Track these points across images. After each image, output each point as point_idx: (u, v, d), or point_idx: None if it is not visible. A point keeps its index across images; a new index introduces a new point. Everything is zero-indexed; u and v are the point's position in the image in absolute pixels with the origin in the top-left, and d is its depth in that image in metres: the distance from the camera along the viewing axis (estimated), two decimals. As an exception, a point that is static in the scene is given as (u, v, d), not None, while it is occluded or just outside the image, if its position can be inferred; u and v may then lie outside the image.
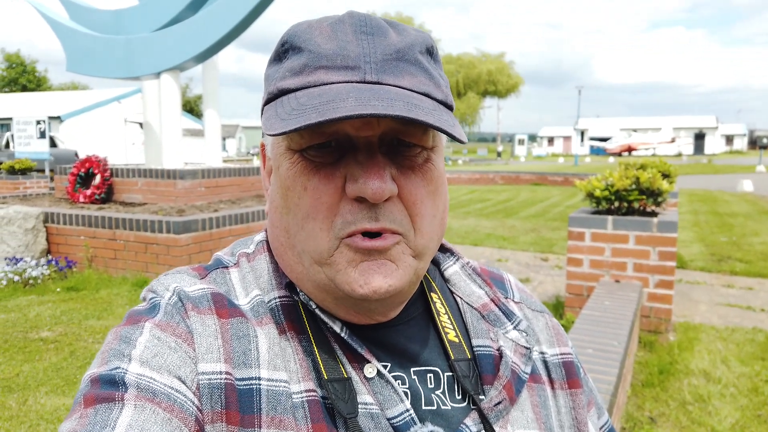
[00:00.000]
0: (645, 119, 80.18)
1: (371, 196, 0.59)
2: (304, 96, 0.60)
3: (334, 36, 0.62)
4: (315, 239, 0.63)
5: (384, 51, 0.61)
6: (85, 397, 0.58)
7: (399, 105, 0.56)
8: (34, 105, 32.54)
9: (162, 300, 0.67)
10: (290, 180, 0.64)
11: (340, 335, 0.67)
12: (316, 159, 0.63)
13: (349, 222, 0.61)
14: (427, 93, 0.63)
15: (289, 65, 0.64)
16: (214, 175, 8.02)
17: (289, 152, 0.65)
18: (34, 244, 6.82)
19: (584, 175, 21.10)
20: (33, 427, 3.28)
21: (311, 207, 0.63)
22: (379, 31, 0.63)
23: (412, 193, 0.64)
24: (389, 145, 0.63)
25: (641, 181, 4.73)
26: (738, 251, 8.45)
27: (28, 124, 12.53)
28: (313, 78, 0.61)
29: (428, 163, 0.65)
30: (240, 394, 0.61)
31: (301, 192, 0.63)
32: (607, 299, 4.13)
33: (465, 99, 51.56)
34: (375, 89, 0.59)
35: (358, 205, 0.61)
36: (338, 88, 0.59)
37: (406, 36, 0.64)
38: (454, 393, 0.70)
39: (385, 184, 0.60)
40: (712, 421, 3.41)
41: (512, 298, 0.84)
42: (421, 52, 0.64)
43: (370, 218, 0.61)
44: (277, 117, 0.60)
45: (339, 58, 0.61)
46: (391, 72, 0.61)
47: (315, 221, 0.63)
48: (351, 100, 0.56)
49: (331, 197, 0.62)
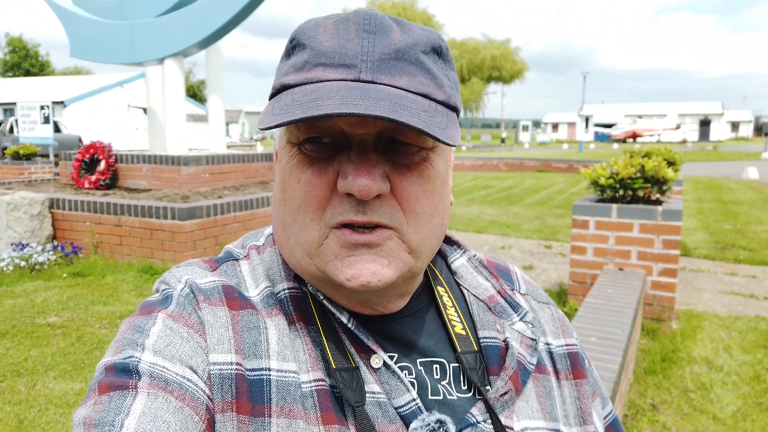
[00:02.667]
0: (650, 105, 79.65)
1: (358, 192, 0.61)
2: (299, 92, 0.61)
3: (336, 34, 0.63)
4: (305, 230, 0.65)
5: (383, 50, 0.62)
6: (99, 384, 0.59)
7: (384, 105, 0.57)
8: (37, 90, 32.51)
9: (174, 291, 0.68)
10: (287, 173, 0.67)
11: (347, 326, 0.68)
12: (311, 153, 0.64)
13: (337, 213, 0.63)
14: (426, 93, 0.63)
15: (293, 61, 0.65)
16: (218, 161, 8.02)
17: (289, 145, 0.67)
18: (40, 230, 6.86)
19: (588, 162, 21.05)
20: (42, 411, 3.32)
21: (302, 199, 0.65)
22: (381, 29, 0.63)
23: (406, 191, 0.64)
24: (386, 144, 0.64)
25: (646, 169, 4.72)
26: (742, 239, 8.45)
27: (32, 110, 12.54)
28: (311, 75, 0.62)
29: (426, 162, 0.66)
30: (250, 384, 0.63)
31: (295, 184, 0.65)
32: (611, 287, 4.15)
33: (469, 85, 51.32)
34: (366, 88, 0.59)
35: (347, 199, 0.63)
36: (330, 86, 0.60)
37: (410, 35, 0.64)
38: (460, 383, 0.71)
39: (374, 182, 0.61)
40: (713, 408, 3.44)
41: (518, 290, 0.85)
42: (424, 52, 0.64)
43: (357, 211, 0.62)
44: (271, 112, 0.62)
45: (337, 56, 0.62)
46: (387, 71, 0.62)
47: (306, 213, 0.65)
48: (337, 98, 0.57)
49: (323, 191, 0.64)
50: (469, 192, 14.47)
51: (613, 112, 75.01)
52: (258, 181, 8.65)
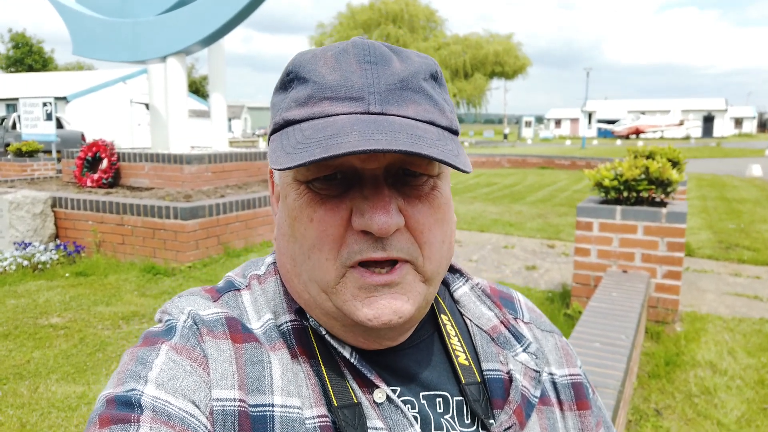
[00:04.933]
0: (653, 101, 79.49)
1: (377, 231, 0.60)
2: (309, 128, 0.61)
3: (338, 66, 0.63)
4: (321, 269, 0.64)
5: (387, 81, 0.62)
6: (100, 417, 0.58)
7: (402, 138, 0.57)
8: (40, 85, 32.51)
9: (178, 323, 0.68)
10: (297, 211, 0.65)
11: (349, 360, 0.68)
12: (322, 191, 0.64)
13: (355, 252, 0.62)
14: (432, 121, 0.63)
15: (295, 95, 0.64)
16: (220, 159, 8.01)
17: (296, 183, 0.66)
18: (42, 229, 6.86)
19: (591, 159, 21.03)
20: (44, 414, 3.32)
21: (317, 238, 0.64)
22: (382, 60, 0.63)
23: (419, 222, 0.64)
24: (395, 175, 0.64)
25: (651, 171, 4.70)
26: (746, 239, 8.42)
27: (35, 106, 12.52)
28: (317, 109, 0.62)
29: (435, 191, 0.66)
30: (253, 420, 0.62)
31: (307, 223, 0.64)
32: (615, 290, 4.13)
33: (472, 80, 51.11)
34: (379, 121, 0.59)
35: (364, 236, 0.62)
36: (342, 121, 0.59)
37: (409, 64, 0.64)
38: (464, 417, 0.71)
39: (391, 219, 0.61)
40: (717, 413, 3.42)
41: (522, 318, 0.84)
42: (425, 79, 0.65)
43: (376, 248, 0.62)
44: (283, 150, 0.60)
45: (343, 89, 0.61)
46: (395, 102, 0.62)
47: (321, 252, 0.64)
48: (354, 134, 0.57)
49: (337, 229, 0.63)
50: (472, 189, 14.45)
51: (617, 107, 74.88)
52: (260, 180, 8.65)
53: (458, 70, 50.07)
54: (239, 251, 6.69)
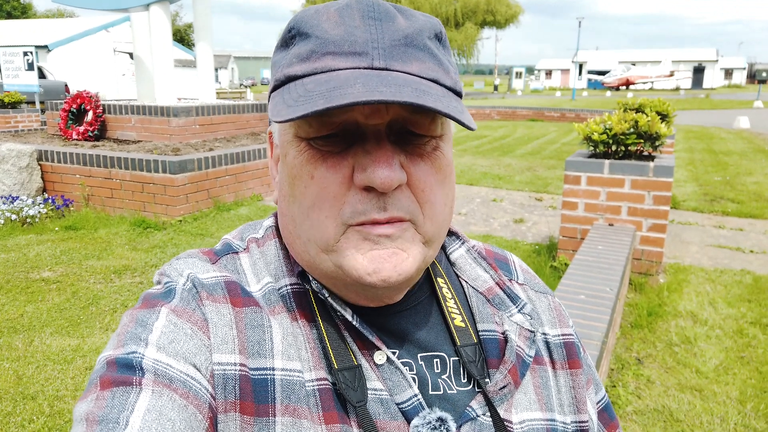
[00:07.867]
0: (644, 52, 78.71)
1: (380, 185, 0.59)
2: (311, 82, 0.59)
3: (342, 21, 0.61)
4: (320, 228, 0.63)
5: (392, 36, 0.61)
6: (101, 379, 0.58)
7: (407, 91, 0.56)
8: (19, 33, 31.57)
9: (177, 285, 0.67)
10: (297, 168, 0.64)
11: (350, 322, 0.68)
12: (324, 148, 0.63)
13: (359, 212, 0.61)
14: (436, 79, 0.62)
15: (296, 51, 0.63)
16: (208, 112, 7.91)
17: (297, 140, 0.65)
18: (29, 183, 6.80)
19: (581, 111, 20.94)
20: (40, 367, 3.37)
21: (317, 196, 0.63)
22: (387, 16, 0.62)
23: (421, 181, 0.64)
24: (398, 133, 0.63)
25: (640, 124, 4.71)
26: (731, 191, 8.52)
27: (15, 55, 12.20)
28: (320, 64, 0.61)
29: (437, 151, 0.65)
30: (254, 384, 0.63)
31: (307, 181, 0.63)
32: (601, 243, 4.20)
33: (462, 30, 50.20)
34: (383, 75, 0.58)
35: (366, 194, 0.61)
36: (346, 75, 0.58)
37: (414, 21, 0.63)
38: (460, 377, 0.72)
39: (394, 172, 0.60)
40: (697, 362, 3.54)
41: (516, 279, 0.85)
42: (429, 38, 0.64)
43: (378, 208, 0.61)
44: (284, 103, 0.59)
45: (346, 44, 0.60)
46: (399, 58, 0.60)
47: (321, 210, 0.63)
48: (359, 86, 0.56)
49: (339, 187, 0.62)
50: (462, 142, 14.40)
51: (608, 58, 74.12)
52: (249, 133, 8.57)
53: (449, 19, 49.06)
54: (229, 205, 6.69)
